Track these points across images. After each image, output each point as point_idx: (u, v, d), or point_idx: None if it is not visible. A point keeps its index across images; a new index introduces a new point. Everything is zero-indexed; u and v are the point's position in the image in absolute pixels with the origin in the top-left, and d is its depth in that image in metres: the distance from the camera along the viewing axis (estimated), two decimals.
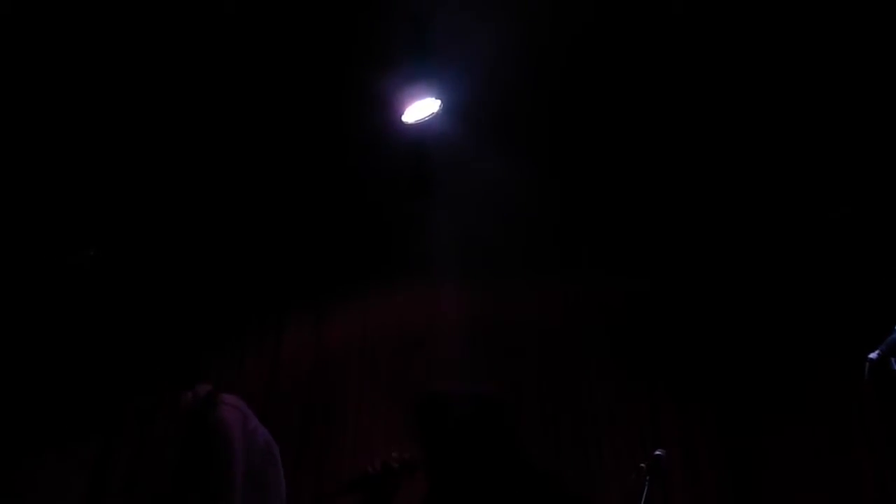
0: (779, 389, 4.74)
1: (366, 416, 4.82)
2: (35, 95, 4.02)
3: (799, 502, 4.47)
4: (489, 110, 4.31)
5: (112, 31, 3.72)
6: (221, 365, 4.90)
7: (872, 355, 2.52)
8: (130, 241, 4.85)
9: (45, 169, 4.38)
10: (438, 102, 4.05)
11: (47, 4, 3.59)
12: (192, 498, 2.85)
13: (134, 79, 3.98)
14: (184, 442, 2.95)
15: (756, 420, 4.79)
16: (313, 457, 4.69)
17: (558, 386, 4.86)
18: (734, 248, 4.99)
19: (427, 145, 4.34)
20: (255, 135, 4.42)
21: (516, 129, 4.54)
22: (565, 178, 4.91)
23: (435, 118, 4.08)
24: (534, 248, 5.08)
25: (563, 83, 4.24)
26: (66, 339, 4.76)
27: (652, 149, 4.64)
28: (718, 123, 4.43)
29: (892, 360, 2.55)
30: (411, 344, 4.95)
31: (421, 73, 3.87)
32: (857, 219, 4.48)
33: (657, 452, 3.19)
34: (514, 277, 5.08)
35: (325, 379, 4.96)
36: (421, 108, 4.06)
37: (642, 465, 3.22)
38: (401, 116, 4.06)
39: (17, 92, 3.99)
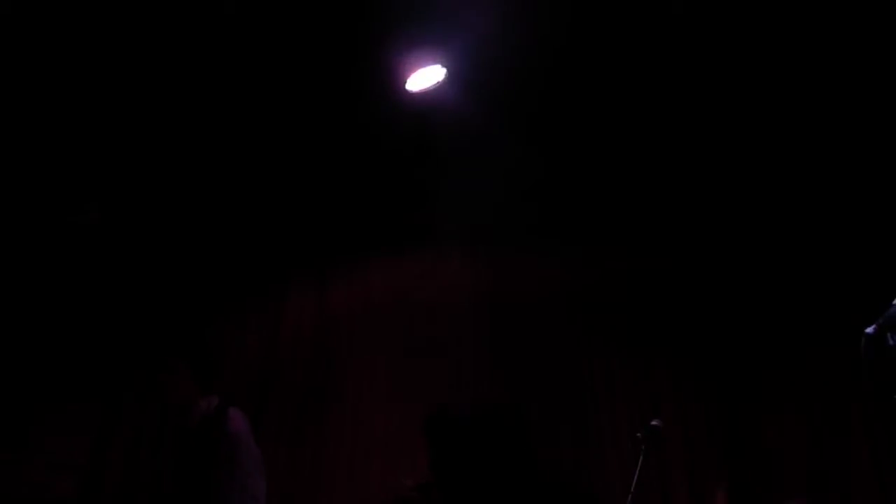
0: (777, 366, 4.77)
1: (367, 386, 4.86)
2: (50, 74, 4.04)
3: (793, 480, 4.52)
4: (494, 79, 4.24)
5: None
6: (223, 332, 4.92)
7: (869, 330, 2.53)
8: (135, 204, 4.87)
9: (51, 132, 4.39)
10: (444, 71, 4.00)
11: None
12: (198, 499, 3.05)
13: (139, 45, 3.97)
14: (194, 448, 3.15)
15: (753, 397, 4.82)
16: (313, 428, 4.74)
17: (558, 358, 4.89)
18: (734, 221, 4.98)
19: (431, 115, 4.30)
20: (255, 102, 4.36)
21: (522, 100, 4.47)
22: (571, 153, 4.88)
23: (440, 87, 4.04)
24: (537, 221, 5.08)
25: (572, 53, 4.15)
26: (69, 300, 4.79)
27: (657, 127, 4.61)
28: (724, 108, 4.40)
29: (889, 335, 2.55)
30: (413, 314, 4.97)
31: (425, 39, 3.83)
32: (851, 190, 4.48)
33: (653, 423, 3.23)
34: (518, 249, 5.09)
35: (327, 348, 4.98)
36: (426, 76, 4.01)
37: (639, 434, 3.26)
38: (405, 84, 4.01)
39: (27, 85, 4.02)
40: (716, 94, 4.34)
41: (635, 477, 3.17)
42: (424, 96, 4.14)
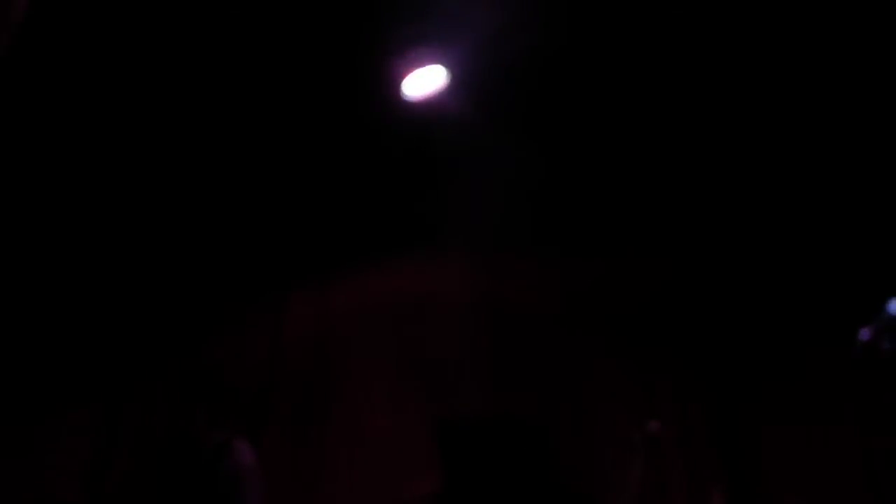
0: (776, 368, 4.79)
1: (368, 389, 4.87)
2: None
3: (791, 482, 4.54)
4: (496, 82, 4.19)
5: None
6: (224, 336, 4.94)
7: (863, 334, 2.55)
8: (136, 207, 4.88)
9: (52, 129, 4.39)
10: (445, 74, 3.92)
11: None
12: None
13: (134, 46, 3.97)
14: (201, 482, 3.17)
15: (752, 399, 4.84)
16: (314, 430, 4.74)
17: (558, 361, 4.92)
18: (734, 223, 5.01)
19: (433, 119, 4.25)
20: (252, 101, 4.31)
21: (524, 103, 4.44)
22: (571, 157, 4.90)
23: (441, 91, 3.99)
24: (537, 225, 5.11)
25: (578, 55, 4.10)
26: (70, 304, 4.79)
27: (659, 132, 4.63)
28: (725, 111, 4.43)
29: (886, 339, 2.57)
30: (414, 317, 4.99)
31: (427, 40, 3.76)
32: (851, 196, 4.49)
33: (651, 425, 3.26)
34: (518, 253, 5.12)
35: (328, 352, 4.99)
36: (427, 80, 3.94)
37: (637, 436, 3.29)
38: (406, 88, 3.97)
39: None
40: (720, 98, 4.35)
41: (634, 479, 3.20)
42: (426, 100, 4.10)
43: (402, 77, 3.99)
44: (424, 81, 4.00)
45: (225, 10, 3.78)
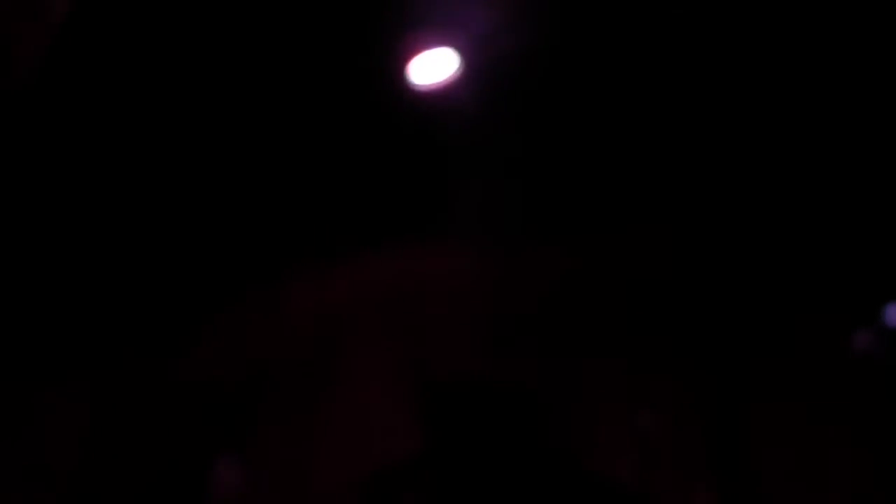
0: (769, 357, 4.82)
1: (366, 376, 4.90)
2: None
3: (784, 479, 4.60)
4: (506, 70, 4.13)
5: None
6: (221, 318, 4.97)
7: (859, 342, 2.57)
8: (132, 192, 4.86)
9: (48, 114, 4.36)
10: (456, 59, 3.85)
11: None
12: None
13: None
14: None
15: (743, 392, 4.88)
16: (311, 418, 4.78)
17: (554, 348, 4.96)
18: (730, 211, 5.01)
19: (439, 108, 4.23)
20: (247, 85, 4.25)
21: (539, 93, 4.37)
22: (576, 150, 4.90)
23: (451, 80, 3.94)
24: (538, 217, 5.11)
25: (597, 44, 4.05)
26: (63, 271, 4.80)
27: (664, 129, 4.63)
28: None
29: (880, 348, 2.59)
30: (414, 305, 5.01)
31: (436, 22, 3.69)
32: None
33: (643, 413, 3.30)
34: (519, 245, 5.11)
35: (327, 336, 5.02)
36: (434, 66, 3.86)
37: (630, 427, 3.34)
38: (412, 77, 3.92)
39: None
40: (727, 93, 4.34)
41: (624, 471, 3.25)
42: (434, 86, 4.05)
43: (409, 61, 3.92)
44: (433, 66, 3.92)
45: None
